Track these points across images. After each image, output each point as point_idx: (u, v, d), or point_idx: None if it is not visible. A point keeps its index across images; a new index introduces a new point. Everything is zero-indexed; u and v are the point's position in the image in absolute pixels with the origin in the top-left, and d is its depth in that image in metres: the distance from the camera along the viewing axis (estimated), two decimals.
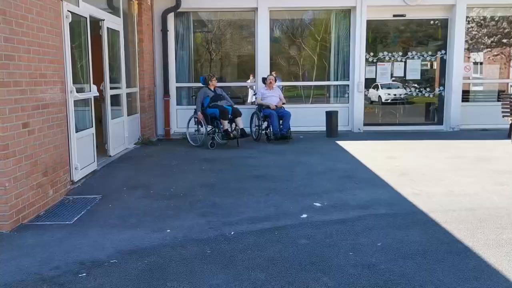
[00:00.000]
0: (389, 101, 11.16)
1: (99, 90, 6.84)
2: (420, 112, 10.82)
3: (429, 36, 10.43)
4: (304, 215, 4.25)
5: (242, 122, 7.89)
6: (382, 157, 6.89)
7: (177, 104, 9.86)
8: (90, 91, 5.91)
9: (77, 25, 5.69)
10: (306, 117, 9.85)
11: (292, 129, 8.52)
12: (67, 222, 4.09)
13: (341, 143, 8.26)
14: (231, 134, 7.71)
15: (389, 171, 5.98)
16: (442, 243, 3.57)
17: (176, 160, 6.75)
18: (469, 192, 4.97)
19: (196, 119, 8.01)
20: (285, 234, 3.79)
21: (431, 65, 10.46)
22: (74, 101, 5.30)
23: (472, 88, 10.68)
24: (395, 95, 10.74)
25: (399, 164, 6.40)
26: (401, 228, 3.92)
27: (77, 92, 5.32)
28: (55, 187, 4.69)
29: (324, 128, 9.52)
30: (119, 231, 3.86)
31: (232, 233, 3.81)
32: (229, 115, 7.79)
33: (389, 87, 11.31)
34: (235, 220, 4.12)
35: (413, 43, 10.44)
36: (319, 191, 5.07)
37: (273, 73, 10.42)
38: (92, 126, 5.99)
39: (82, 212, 4.35)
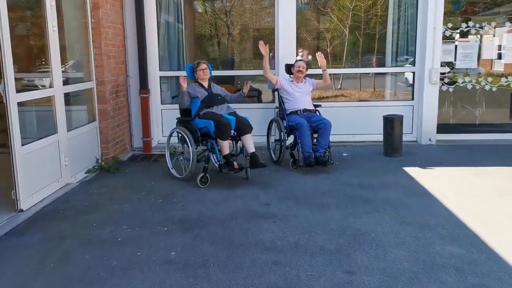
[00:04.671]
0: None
1: None
2: (491, 103, 7.40)
3: None
4: None
5: (252, 143, 4.79)
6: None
7: (163, 103, 6.82)
8: None
9: None
10: (348, 120, 6.70)
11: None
12: None
13: (413, 171, 5.10)
14: (235, 164, 4.64)
15: None
16: None
17: (131, 224, 3.72)
18: None
19: (180, 135, 4.96)
20: None
21: None
22: None
23: None
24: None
25: None
26: None
27: None
28: None
29: (377, 137, 6.46)
30: None
31: None
32: (232, 131, 4.71)
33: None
34: None
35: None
36: None
37: (300, 52, 7.28)
38: None
39: None
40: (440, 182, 4.73)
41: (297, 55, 6.79)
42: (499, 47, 6.77)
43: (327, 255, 3.12)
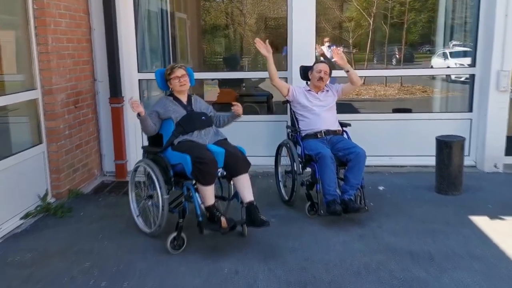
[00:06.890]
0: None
1: None
2: None
3: None
4: None
5: (250, 187, 3.22)
6: None
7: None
8: None
9: None
10: (382, 137, 5.12)
11: None
12: None
13: (486, 225, 3.48)
14: (223, 221, 3.07)
15: None
16: None
17: None
18: None
19: (146, 172, 3.44)
20: None
21: None
22: None
23: None
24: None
25: None
26: None
27: None
28: None
29: (420, 160, 5.04)
30: None
31: None
32: (219, 170, 3.17)
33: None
34: None
35: None
36: None
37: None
38: None
39: None
40: None
41: (319, 59, 5.23)
42: None
43: None
